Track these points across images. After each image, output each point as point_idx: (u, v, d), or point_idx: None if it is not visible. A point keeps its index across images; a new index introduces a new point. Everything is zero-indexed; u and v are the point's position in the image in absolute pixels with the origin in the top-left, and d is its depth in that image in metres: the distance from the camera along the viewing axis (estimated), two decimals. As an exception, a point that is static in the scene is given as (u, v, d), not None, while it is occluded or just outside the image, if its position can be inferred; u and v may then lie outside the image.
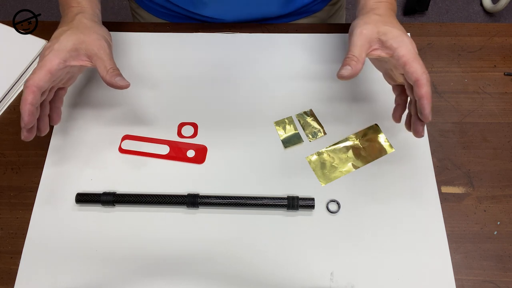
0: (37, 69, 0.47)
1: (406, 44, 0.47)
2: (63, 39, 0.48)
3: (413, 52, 0.47)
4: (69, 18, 0.51)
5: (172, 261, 0.51)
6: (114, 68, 0.49)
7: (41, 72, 0.46)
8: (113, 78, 0.49)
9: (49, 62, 0.47)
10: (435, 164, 0.57)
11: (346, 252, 0.51)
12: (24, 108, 0.46)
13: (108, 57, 0.49)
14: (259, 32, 0.67)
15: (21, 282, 0.51)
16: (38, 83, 0.46)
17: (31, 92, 0.46)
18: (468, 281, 0.50)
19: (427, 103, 0.45)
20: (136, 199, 0.53)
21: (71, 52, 0.48)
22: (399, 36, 0.47)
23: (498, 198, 0.55)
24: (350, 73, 0.48)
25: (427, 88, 0.45)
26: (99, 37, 0.50)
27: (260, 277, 0.50)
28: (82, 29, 0.50)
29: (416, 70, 0.45)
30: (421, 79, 0.45)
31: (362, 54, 0.48)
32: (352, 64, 0.47)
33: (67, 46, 0.48)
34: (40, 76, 0.46)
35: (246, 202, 0.53)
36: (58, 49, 0.48)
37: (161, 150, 0.58)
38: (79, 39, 0.49)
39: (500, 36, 0.67)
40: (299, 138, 0.59)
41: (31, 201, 0.55)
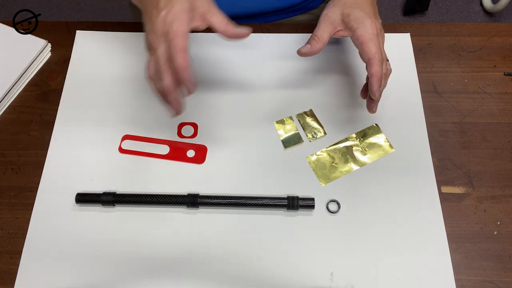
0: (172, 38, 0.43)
1: (365, 25, 0.49)
2: (176, 4, 0.44)
3: (371, 33, 0.49)
4: None
5: (172, 261, 0.51)
6: (229, 22, 0.46)
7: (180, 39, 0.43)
8: (234, 30, 0.46)
9: (181, 33, 0.43)
10: (435, 164, 0.57)
11: (346, 252, 0.51)
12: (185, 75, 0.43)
13: (220, 12, 0.47)
14: (259, 32, 0.67)
15: (21, 282, 0.51)
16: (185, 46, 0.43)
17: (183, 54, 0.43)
18: (468, 281, 0.50)
19: (375, 81, 0.48)
20: (136, 199, 0.53)
21: (189, 13, 0.45)
22: (360, 17, 0.50)
23: (498, 198, 0.55)
24: (308, 50, 0.51)
25: (377, 67, 0.48)
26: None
27: (260, 277, 0.50)
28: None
29: (370, 50, 0.48)
30: (372, 59, 0.48)
31: (324, 35, 0.51)
32: (312, 43, 0.51)
33: (184, 9, 0.44)
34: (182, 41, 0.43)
35: (246, 202, 0.53)
36: (181, 12, 0.44)
37: (161, 150, 0.58)
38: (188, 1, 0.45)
39: (500, 36, 0.67)
40: (299, 138, 0.59)
41: (31, 201, 0.55)
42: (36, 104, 0.62)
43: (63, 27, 0.68)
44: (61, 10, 1.71)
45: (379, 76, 0.48)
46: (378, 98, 0.50)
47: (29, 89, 0.64)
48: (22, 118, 0.61)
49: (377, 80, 0.48)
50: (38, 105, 0.62)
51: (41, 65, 0.65)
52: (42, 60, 0.65)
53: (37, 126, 0.61)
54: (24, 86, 0.64)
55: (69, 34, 0.68)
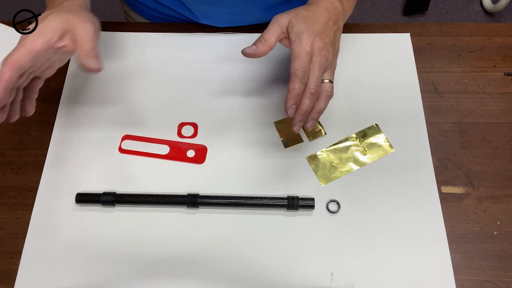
0: (18, 47, 0.44)
1: (300, 40, 0.47)
2: (48, 20, 0.46)
3: (303, 50, 0.47)
4: (54, 4, 0.49)
5: (172, 261, 0.51)
6: (91, 50, 0.46)
7: (23, 51, 0.44)
8: (87, 60, 0.46)
9: (33, 42, 0.44)
10: (435, 164, 0.57)
11: (346, 252, 0.51)
12: (0, 84, 0.43)
13: (89, 38, 0.46)
14: (259, 32, 0.67)
15: (21, 282, 0.51)
16: (19, 61, 0.43)
17: (10, 69, 0.43)
18: (468, 281, 0.50)
19: (289, 98, 0.46)
20: (136, 199, 0.53)
21: (55, 32, 0.45)
22: (300, 32, 0.48)
23: (498, 198, 0.55)
24: (252, 51, 0.49)
25: (294, 84, 0.46)
26: (85, 19, 0.47)
27: (260, 277, 0.50)
28: (68, 11, 0.47)
29: (294, 65, 0.47)
30: (293, 75, 0.46)
31: (271, 38, 0.49)
32: (258, 45, 0.49)
33: (52, 26, 0.45)
34: (22, 55, 0.43)
35: (246, 202, 0.53)
36: (43, 29, 0.45)
37: (161, 150, 0.58)
38: (64, 18, 0.46)
39: (500, 36, 0.67)
40: (299, 138, 0.58)
41: (31, 201, 0.55)
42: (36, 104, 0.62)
43: (63, 27, 0.68)
44: (61, 10, 1.71)
45: (294, 93, 0.46)
46: (298, 119, 0.48)
47: (29, 89, 0.63)
48: (22, 118, 0.61)
49: (291, 96, 0.46)
50: (38, 105, 0.62)
51: (41, 65, 0.65)
52: (42, 60, 0.65)
53: (37, 126, 0.61)
54: (24, 86, 0.64)
55: (69, 34, 0.68)
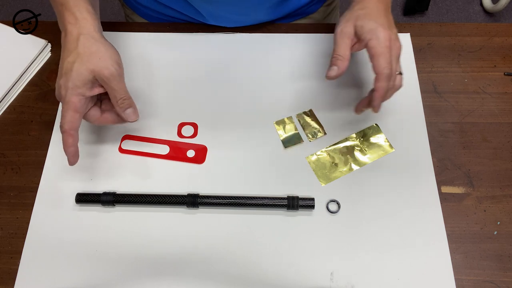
0: (64, 111, 0.48)
1: (378, 37, 0.47)
2: (74, 75, 0.47)
3: (383, 46, 0.47)
4: (71, 43, 0.49)
5: (172, 261, 0.51)
6: (124, 98, 0.50)
7: (70, 114, 0.48)
8: (123, 111, 0.50)
9: (72, 103, 0.48)
10: (435, 164, 0.57)
11: (346, 252, 0.51)
12: (68, 151, 0.48)
13: (118, 85, 0.49)
14: (259, 32, 0.67)
15: (21, 282, 0.51)
16: (72, 125, 0.48)
17: (70, 135, 0.48)
18: (468, 281, 0.50)
19: (377, 97, 0.48)
20: (136, 199, 0.53)
21: (85, 85, 0.48)
22: (373, 29, 0.48)
23: (498, 198, 0.55)
24: (337, 73, 0.49)
25: (382, 83, 0.47)
26: (107, 63, 0.48)
27: (260, 277, 0.50)
28: (88, 57, 0.48)
29: (379, 64, 0.47)
30: (379, 74, 0.47)
31: (346, 52, 0.49)
32: (338, 63, 0.49)
33: (80, 81, 0.48)
34: (70, 118, 0.48)
35: (246, 202, 0.53)
36: (73, 87, 0.48)
37: (161, 150, 0.58)
38: (88, 69, 0.48)
39: (500, 36, 0.67)
40: (299, 138, 0.59)
41: (31, 201, 0.55)
42: (36, 104, 0.62)
43: (63, 27, 0.68)
44: (61, 10, 1.71)
45: (382, 92, 0.48)
46: (376, 112, 0.50)
47: (29, 89, 0.64)
48: (22, 118, 0.61)
49: (379, 95, 0.48)
50: (38, 105, 0.62)
51: (41, 65, 0.65)
52: (42, 60, 0.65)
53: (37, 126, 0.61)
54: (24, 86, 0.64)
55: (69, 34, 0.68)
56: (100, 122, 0.53)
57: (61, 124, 0.48)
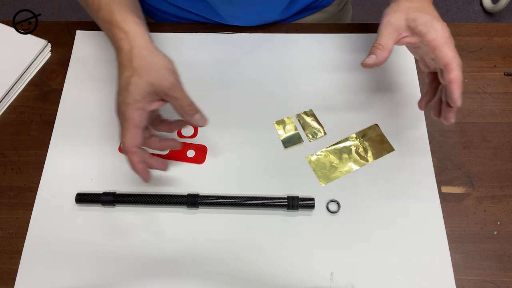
0: (125, 129, 0.46)
1: (436, 29, 0.46)
2: (133, 89, 0.46)
3: (444, 37, 0.46)
4: (125, 58, 0.47)
5: (172, 261, 0.51)
6: (190, 104, 0.48)
7: (131, 131, 0.46)
8: (191, 118, 0.49)
9: (132, 119, 0.46)
10: (435, 164, 0.57)
11: (346, 252, 0.51)
12: (136, 169, 0.47)
13: (181, 93, 0.47)
14: (259, 32, 0.67)
15: (21, 282, 0.51)
16: (134, 143, 0.46)
17: (133, 153, 0.47)
18: (468, 281, 0.50)
19: (456, 88, 0.45)
20: (136, 199, 0.53)
21: (145, 100, 0.46)
22: (428, 21, 0.47)
23: (498, 198, 0.55)
24: (374, 61, 0.48)
25: (457, 72, 0.45)
26: (164, 72, 0.47)
27: (260, 277, 0.50)
28: (144, 70, 0.46)
29: (446, 54, 0.45)
30: (451, 63, 0.45)
31: (389, 43, 0.48)
32: (377, 52, 0.48)
33: (140, 95, 0.46)
34: (132, 135, 0.46)
35: (246, 202, 0.53)
36: (133, 101, 0.46)
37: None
38: (147, 83, 0.46)
39: (500, 36, 0.67)
40: (299, 138, 0.59)
41: (31, 201, 0.55)
42: (36, 104, 0.62)
43: (63, 27, 0.68)
44: (61, 10, 1.71)
45: (460, 81, 0.45)
46: (458, 106, 0.46)
47: (29, 89, 0.64)
48: (22, 118, 0.61)
49: (458, 86, 0.45)
50: (38, 105, 0.62)
51: (41, 65, 0.65)
52: (42, 60, 0.65)
53: (37, 126, 0.61)
54: (24, 86, 0.64)
55: (69, 34, 0.68)
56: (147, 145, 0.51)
57: (122, 142, 0.46)
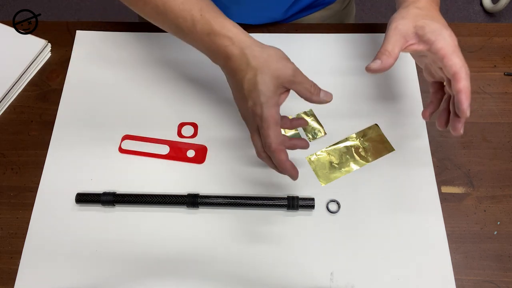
0: (266, 129, 0.44)
1: (444, 37, 0.46)
2: (263, 88, 0.44)
3: (452, 45, 0.45)
4: (239, 63, 0.46)
5: (172, 261, 0.51)
6: (313, 85, 0.47)
7: (273, 129, 0.45)
8: (318, 97, 0.46)
9: (271, 117, 0.44)
10: (435, 164, 0.57)
11: (346, 252, 0.51)
12: (286, 166, 0.45)
13: (303, 76, 0.46)
14: (259, 32, 0.67)
15: (21, 282, 0.51)
16: (279, 140, 0.45)
17: (281, 151, 0.45)
18: (468, 281, 0.50)
19: (465, 98, 0.44)
20: (136, 199, 0.53)
21: (276, 94, 0.45)
22: (437, 29, 0.46)
23: (498, 198, 0.55)
24: (379, 66, 0.47)
25: (465, 82, 0.44)
26: (283, 62, 0.46)
27: (260, 277, 0.50)
28: (265, 66, 0.45)
29: (455, 63, 0.44)
30: (459, 73, 0.44)
31: (395, 49, 0.47)
32: (383, 58, 0.47)
33: (271, 91, 0.44)
34: (276, 134, 0.45)
35: (246, 202, 0.53)
36: (267, 99, 0.44)
37: (161, 150, 0.58)
38: (272, 77, 0.45)
39: (500, 36, 0.67)
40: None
41: (31, 201, 0.55)
42: (36, 104, 0.62)
43: (63, 27, 0.68)
44: (61, 10, 1.71)
45: (468, 91, 0.44)
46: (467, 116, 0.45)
47: (29, 89, 0.64)
48: (22, 118, 0.61)
49: (467, 96, 0.44)
50: (38, 105, 0.62)
51: (41, 65, 0.65)
52: (42, 60, 0.65)
53: (37, 126, 0.61)
54: (24, 86, 0.64)
55: (69, 34, 0.68)
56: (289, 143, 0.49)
57: (267, 144, 0.45)
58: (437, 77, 0.51)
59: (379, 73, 0.48)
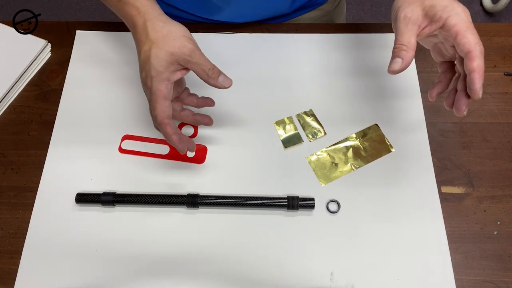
0: (154, 102, 0.47)
1: (457, 13, 0.43)
2: (155, 61, 0.46)
3: (466, 21, 0.43)
4: (141, 33, 0.48)
5: (172, 261, 0.51)
6: (212, 68, 0.48)
7: (160, 103, 0.47)
8: (216, 80, 0.48)
9: (159, 91, 0.46)
10: (435, 164, 0.57)
11: (346, 252, 0.51)
12: (172, 140, 0.48)
13: (202, 58, 0.47)
14: (259, 32, 0.67)
15: (21, 282, 0.51)
16: (166, 114, 0.47)
17: (167, 124, 0.47)
18: (468, 281, 0.50)
19: (478, 78, 0.41)
20: (136, 199, 0.53)
21: (168, 69, 0.46)
22: (448, 5, 0.43)
23: (498, 198, 0.55)
24: (401, 66, 0.44)
25: (479, 61, 0.41)
26: (182, 40, 0.47)
27: (260, 277, 0.50)
28: (162, 40, 0.46)
29: (469, 40, 0.42)
30: (473, 51, 0.41)
31: (411, 40, 0.44)
32: (402, 54, 0.44)
33: (162, 66, 0.46)
34: (162, 107, 0.47)
35: (246, 202, 0.53)
36: (157, 73, 0.46)
37: (161, 150, 0.58)
38: (167, 53, 0.46)
39: (500, 36, 0.67)
40: (299, 138, 0.59)
41: (31, 201, 0.55)
42: (36, 104, 0.62)
43: (63, 27, 0.68)
44: (61, 10, 1.71)
45: (482, 71, 0.41)
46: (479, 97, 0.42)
47: (29, 89, 0.64)
48: (22, 118, 0.61)
49: (480, 76, 0.41)
50: (38, 105, 0.62)
51: (41, 65, 0.65)
52: (42, 60, 0.65)
53: (37, 126, 0.61)
54: (24, 86, 0.64)
55: (69, 34, 0.68)
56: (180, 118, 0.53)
57: (153, 116, 0.47)
58: (447, 57, 0.48)
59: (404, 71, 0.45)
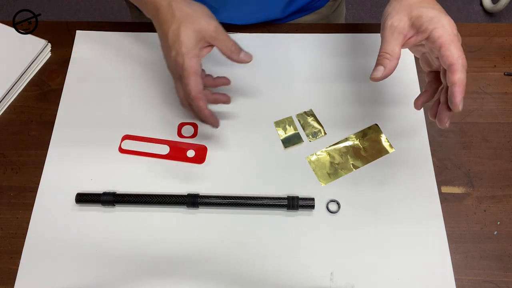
0: (186, 78, 0.48)
1: (443, 25, 0.43)
2: (185, 39, 0.47)
3: (451, 34, 0.43)
4: (166, 14, 0.49)
5: (172, 261, 0.51)
6: (234, 44, 0.50)
7: (193, 79, 0.48)
8: (238, 56, 0.50)
9: (191, 67, 0.48)
10: (435, 164, 0.57)
11: (346, 252, 0.51)
12: (206, 114, 0.50)
13: (225, 35, 0.49)
14: (260, 32, 0.67)
15: (21, 282, 0.51)
16: (198, 88, 0.48)
17: (200, 99, 0.49)
18: (468, 281, 0.50)
19: (458, 91, 0.42)
20: (136, 199, 0.53)
21: (197, 46, 0.48)
22: (435, 17, 0.44)
23: (498, 198, 0.55)
24: (383, 74, 0.45)
25: (461, 74, 0.42)
26: (207, 18, 0.49)
27: (260, 277, 0.50)
28: (189, 19, 0.48)
29: (452, 53, 0.42)
30: (455, 64, 0.42)
31: (396, 49, 0.45)
32: (385, 63, 0.45)
33: (192, 43, 0.48)
34: (195, 82, 0.48)
35: (246, 202, 0.53)
36: (188, 50, 0.48)
37: (161, 150, 0.58)
38: (195, 30, 0.48)
39: (500, 36, 0.67)
40: (299, 138, 0.59)
41: (31, 201, 0.55)
42: (36, 104, 0.62)
43: (63, 27, 0.68)
44: (61, 10, 1.71)
45: (463, 84, 0.42)
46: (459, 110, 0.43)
47: (29, 89, 0.64)
48: (22, 118, 0.61)
49: (461, 90, 0.42)
50: (38, 105, 0.62)
51: (41, 65, 0.65)
52: (42, 60, 0.65)
53: (37, 126, 0.61)
54: (24, 86, 0.64)
55: (69, 34, 0.68)
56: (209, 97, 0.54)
57: (187, 92, 0.48)
58: (434, 67, 0.49)
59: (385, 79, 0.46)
